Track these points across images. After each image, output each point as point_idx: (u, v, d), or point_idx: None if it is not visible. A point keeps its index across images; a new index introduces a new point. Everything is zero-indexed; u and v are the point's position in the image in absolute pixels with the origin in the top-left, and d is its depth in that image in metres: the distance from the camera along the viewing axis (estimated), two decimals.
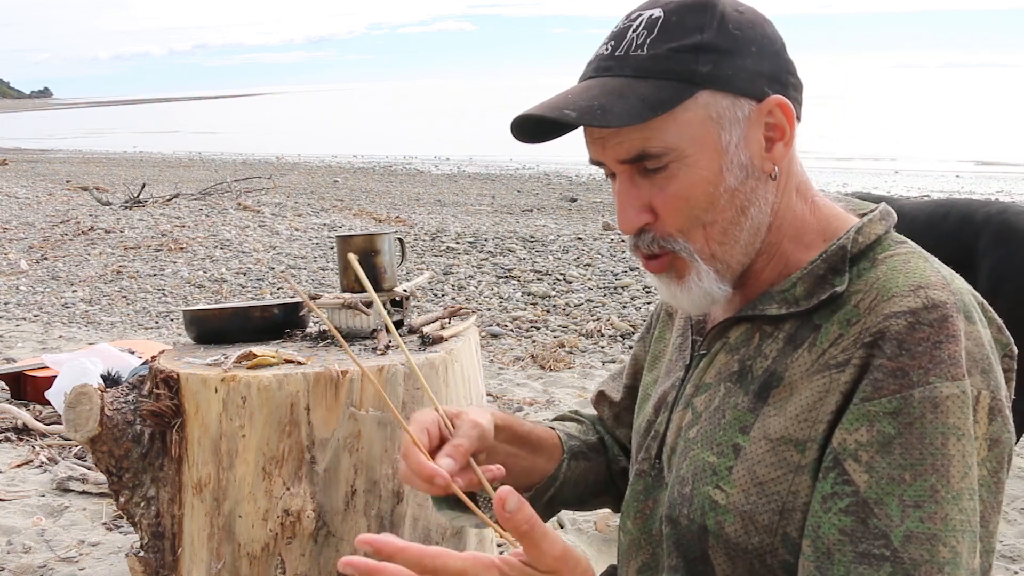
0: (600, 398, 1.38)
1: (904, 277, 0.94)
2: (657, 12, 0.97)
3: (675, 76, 0.95)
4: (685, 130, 0.95)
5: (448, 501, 1.06)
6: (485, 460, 1.06)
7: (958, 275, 0.99)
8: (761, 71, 0.97)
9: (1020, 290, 3.07)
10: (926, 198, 11.90)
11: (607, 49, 0.99)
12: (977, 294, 0.98)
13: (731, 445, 0.98)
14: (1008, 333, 0.97)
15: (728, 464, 0.98)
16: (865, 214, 1.06)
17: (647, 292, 6.52)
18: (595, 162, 1.02)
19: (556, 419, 1.38)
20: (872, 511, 0.87)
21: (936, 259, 1.00)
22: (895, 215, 1.05)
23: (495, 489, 0.85)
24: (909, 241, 1.02)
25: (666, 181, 0.97)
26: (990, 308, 0.98)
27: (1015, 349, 0.97)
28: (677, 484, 1.03)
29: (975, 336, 0.92)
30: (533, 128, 1.00)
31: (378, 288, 2.06)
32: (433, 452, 1.00)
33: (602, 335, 5.55)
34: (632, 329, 5.61)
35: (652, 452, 1.11)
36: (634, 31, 0.98)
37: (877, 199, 1.18)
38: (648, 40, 0.96)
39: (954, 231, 3.26)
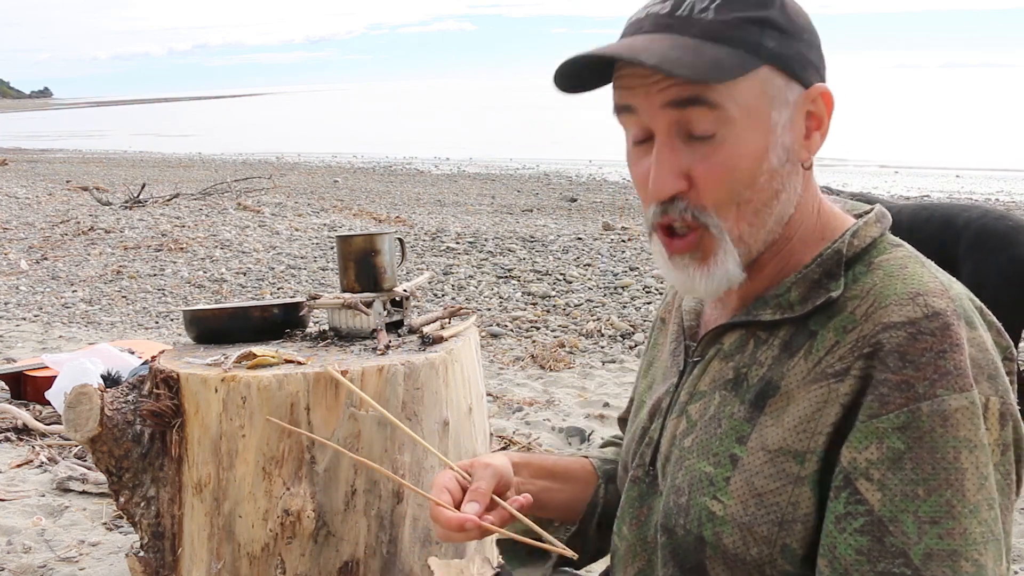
0: (620, 420, 1.39)
1: (902, 284, 0.92)
2: None
3: (743, 45, 0.92)
4: (743, 100, 0.92)
5: (519, 556, 1.16)
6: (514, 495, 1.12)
7: (953, 279, 0.97)
8: (811, 59, 0.97)
9: (999, 293, 3.09)
10: (926, 198, 11.90)
11: (664, 8, 0.95)
12: (976, 298, 0.96)
13: (728, 455, 0.97)
14: (1007, 336, 0.96)
15: (725, 475, 0.96)
16: (861, 215, 1.04)
17: (647, 292, 6.51)
18: (625, 112, 0.97)
19: (602, 446, 1.40)
20: (887, 529, 0.85)
21: (933, 263, 0.99)
22: (890, 217, 1.03)
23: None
24: (905, 244, 1.01)
25: (712, 150, 0.93)
26: (988, 312, 0.96)
27: (1015, 352, 0.96)
28: (673, 494, 1.02)
29: (978, 342, 0.90)
30: (578, 74, 0.96)
31: (378, 288, 2.06)
32: (459, 505, 1.07)
33: (602, 335, 5.55)
34: (632, 329, 5.61)
35: (646, 459, 1.10)
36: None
37: (853, 196, 1.18)
38: (713, 5, 0.93)
39: (935, 235, 3.29)
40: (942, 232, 3.30)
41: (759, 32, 0.92)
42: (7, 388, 4.03)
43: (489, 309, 6.24)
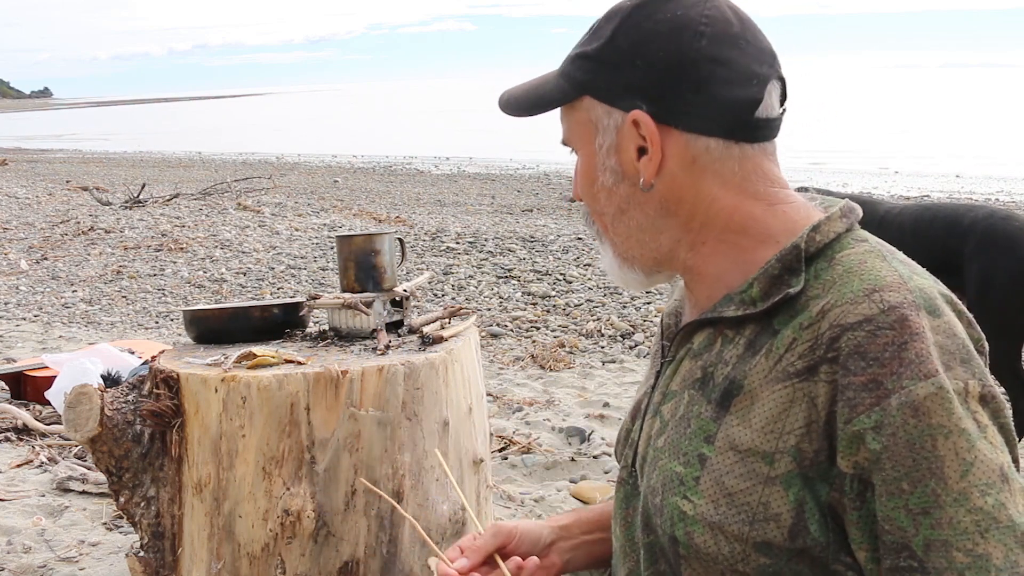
0: None
1: (859, 281, 0.92)
2: (601, 16, 1.05)
3: (567, 78, 1.05)
4: (574, 127, 1.06)
5: None
6: (563, 555, 1.22)
7: (921, 270, 0.96)
8: (641, 86, 0.99)
9: (1007, 294, 3.07)
10: (926, 198, 11.89)
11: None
12: (944, 288, 0.95)
13: (697, 455, 0.97)
14: (979, 328, 0.95)
15: (695, 475, 0.96)
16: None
17: (647, 292, 6.52)
18: None
19: None
20: (884, 528, 0.86)
21: (899, 255, 0.98)
22: (859, 211, 1.02)
23: None
24: (871, 238, 0.99)
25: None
26: (959, 302, 0.95)
27: (986, 345, 0.95)
28: (649, 494, 1.03)
29: (944, 328, 0.89)
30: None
31: (378, 288, 2.06)
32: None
33: (602, 335, 5.55)
34: (632, 329, 5.60)
35: (628, 460, 1.11)
36: (586, 29, 1.07)
37: (851, 198, 1.16)
38: (580, 40, 1.06)
39: (941, 236, 3.26)
40: (946, 234, 3.26)
41: (576, 66, 1.04)
42: (7, 388, 4.03)
43: (489, 309, 6.24)
